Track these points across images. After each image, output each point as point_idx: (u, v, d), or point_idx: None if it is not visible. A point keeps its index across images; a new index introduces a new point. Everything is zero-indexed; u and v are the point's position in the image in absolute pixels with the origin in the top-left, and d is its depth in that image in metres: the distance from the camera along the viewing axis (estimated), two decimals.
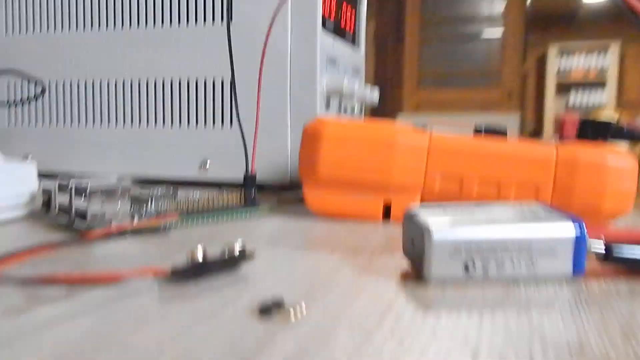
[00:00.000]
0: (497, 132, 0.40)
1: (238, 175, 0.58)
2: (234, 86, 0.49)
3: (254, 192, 0.45)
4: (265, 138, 0.56)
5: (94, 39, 0.63)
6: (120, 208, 0.37)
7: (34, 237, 0.35)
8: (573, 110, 3.89)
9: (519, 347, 0.18)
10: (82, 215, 0.37)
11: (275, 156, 0.56)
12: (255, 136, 0.46)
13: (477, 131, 0.40)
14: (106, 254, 0.31)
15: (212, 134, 0.60)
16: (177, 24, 0.60)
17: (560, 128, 0.40)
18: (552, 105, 3.93)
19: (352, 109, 0.68)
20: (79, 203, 0.37)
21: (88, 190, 0.36)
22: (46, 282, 0.24)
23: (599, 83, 3.92)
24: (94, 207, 0.36)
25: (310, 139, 0.41)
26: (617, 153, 0.37)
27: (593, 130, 0.38)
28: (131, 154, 0.63)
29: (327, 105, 0.59)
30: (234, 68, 0.49)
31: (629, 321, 0.21)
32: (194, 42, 0.60)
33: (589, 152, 0.37)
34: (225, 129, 0.59)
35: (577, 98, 3.97)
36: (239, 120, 0.48)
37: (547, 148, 0.38)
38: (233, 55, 0.49)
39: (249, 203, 0.44)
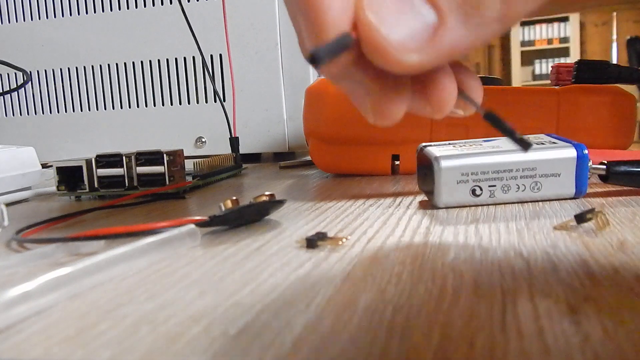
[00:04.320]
0: (495, 82, 0.41)
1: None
2: (204, 59, 0.50)
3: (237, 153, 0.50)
4: (262, 109, 0.57)
5: (76, 25, 0.63)
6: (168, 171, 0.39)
7: (52, 212, 0.35)
8: (539, 79, 3.95)
9: (543, 236, 0.20)
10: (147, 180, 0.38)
11: (272, 126, 0.57)
12: (233, 100, 0.48)
13: None
14: (133, 216, 0.32)
15: (204, 110, 0.60)
16: (160, 4, 0.60)
17: (556, 75, 0.42)
18: (518, 75, 3.99)
19: None
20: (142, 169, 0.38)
21: (133, 158, 0.38)
22: (89, 237, 0.24)
23: (562, 53, 3.99)
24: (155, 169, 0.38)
25: (314, 99, 0.41)
26: (615, 90, 0.39)
27: (590, 72, 0.39)
28: (124, 137, 0.63)
29: (319, 75, 0.60)
30: (229, 42, 0.50)
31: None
32: (178, 21, 0.60)
33: (588, 91, 0.39)
34: (219, 104, 0.59)
35: (542, 67, 4.03)
36: (214, 87, 0.49)
37: (549, 89, 0.40)
38: (228, 31, 0.49)
39: (237, 163, 0.49)
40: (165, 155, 0.37)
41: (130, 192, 0.38)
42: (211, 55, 0.59)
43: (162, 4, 0.60)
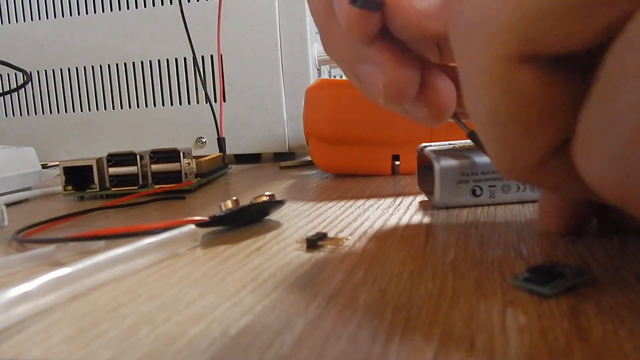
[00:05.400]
0: None
1: (235, 149, 0.59)
2: (196, 61, 0.50)
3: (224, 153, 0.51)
4: (262, 110, 0.57)
5: (76, 25, 0.63)
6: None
7: (53, 212, 0.35)
8: None
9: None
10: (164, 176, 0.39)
11: (272, 126, 0.57)
12: (221, 100, 0.47)
13: None
14: (137, 216, 0.32)
15: (204, 110, 0.60)
16: (160, 4, 0.60)
17: None
18: None
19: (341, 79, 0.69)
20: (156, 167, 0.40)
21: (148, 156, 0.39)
22: (89, 237, 0.24)
23: None
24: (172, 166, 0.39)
25: (314, 99, 0.41)
26: None
27: None
28: (124, 137, 0.63)
29: (319, 75, 0.60)
30: (225, 43, 0.50)
31: None
32: (179, 22, 0.60)
33: None
34: (218, 105, 0.59)
35: None
36: (204, 88, 0.49)
37: None
38: (221, 32, 0.49)
39: (225, 163, 0.51)
40: (181, 153, 0.38)
41: (142, 190, 0.38)
42: (211, 56, 0.59)
43: (162, 4, 0.60)
